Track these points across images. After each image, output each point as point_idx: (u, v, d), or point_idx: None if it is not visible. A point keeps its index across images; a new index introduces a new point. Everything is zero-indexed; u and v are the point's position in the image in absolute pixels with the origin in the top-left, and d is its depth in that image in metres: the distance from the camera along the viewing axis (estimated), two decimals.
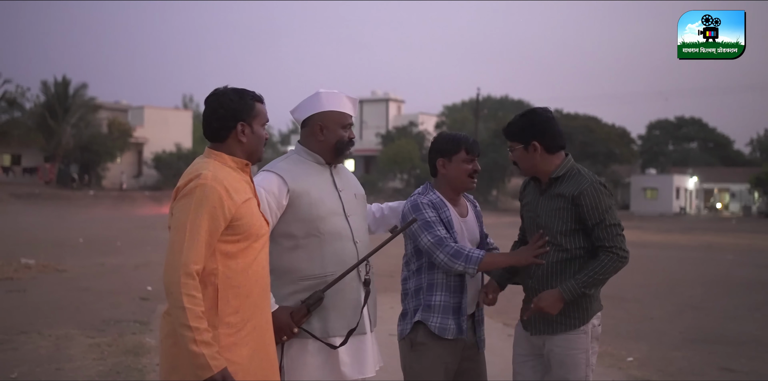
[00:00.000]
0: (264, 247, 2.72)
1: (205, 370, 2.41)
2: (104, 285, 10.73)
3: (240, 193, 2.62)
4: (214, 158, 2.68)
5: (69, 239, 17.74)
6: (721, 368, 6.54)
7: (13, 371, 5.75)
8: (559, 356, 3.21)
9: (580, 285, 3.10)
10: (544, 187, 3.32)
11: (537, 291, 3.27)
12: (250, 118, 2.71)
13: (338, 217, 3.11)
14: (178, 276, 2.44)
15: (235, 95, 2.71)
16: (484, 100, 67.31)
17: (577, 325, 3.21)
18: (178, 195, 2.58)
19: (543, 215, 3.28)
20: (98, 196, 42.82)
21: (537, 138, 3.26)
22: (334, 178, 3.20)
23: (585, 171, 3.28)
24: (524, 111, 3.39)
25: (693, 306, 10.27)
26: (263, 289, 2.71)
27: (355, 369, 3.07)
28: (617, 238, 3.16)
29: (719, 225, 39.11)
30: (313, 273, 3.03)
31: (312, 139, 3.18)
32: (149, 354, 6.41)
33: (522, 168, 3.35)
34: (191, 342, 2.40)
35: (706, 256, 18.79)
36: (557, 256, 3.23)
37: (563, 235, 3.21)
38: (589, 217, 3.16)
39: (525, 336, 3.37)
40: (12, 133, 45.87)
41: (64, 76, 48.09)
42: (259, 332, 2.67)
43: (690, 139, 75.47)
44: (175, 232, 2.52)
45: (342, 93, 3.24)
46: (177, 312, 2.43)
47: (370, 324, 3.19)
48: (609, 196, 3.23)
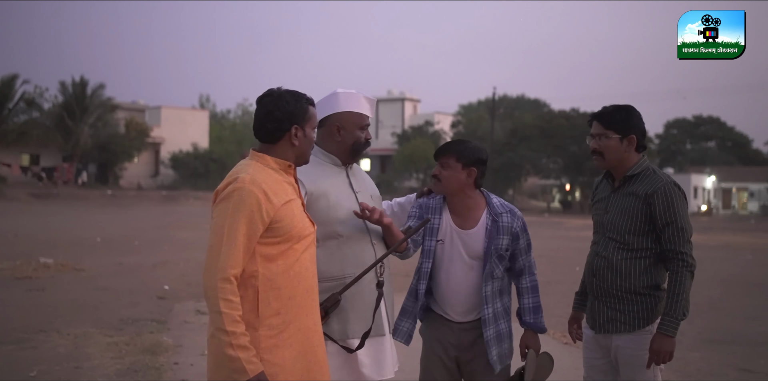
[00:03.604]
0: (309, 248, 2.71)
1: (241, 374, 2.42)
2: (122, 284, 10.79)
3: (280, 195, 2.61)
4: (257, 160, 2.68)
5: (87, 239, 17.85)
6: (739, 369, 6.49)
7: (33, 370, 5.80)
8: (626, 357, 3.22)
9: (676, 317, 3.09)
10: (618, 185, 3.32)
11: (601, 288, 3.29)
12: (304, 121, 2.72)
13: (356, 219, 3.11)
14: (215, 280, 2.45)
15: (292, 98, 2.71)
16: (500, 99, 67.15)
17: (641, 325, 3.21)
18: (218, 198, 2.60)
19: (613, 213, 3.28)
20: (116, 195, 43.11)
21: (636, 132, 3.28)
22: (351, 180, 3.21)
23: (660, 172, 3.29)
24: (620, 105, 3.37)
25: (711, 306, 10.18)
26: (307, 290, 2.68)
27: (374, 370, 3.08)
28: (687, 245, 3.16)
29: (737, 224, 38.82)
30: (332, 275, 3.03)
31: (329, 140, 3.18)
32: (166, 353, 6.44)
33: (607, 158, 3.30)
34: (228, 346, 2.42)
35: (724, 255, 18.63)
36: (623, 254, 3.23)
37: (632, 234, 3.21)
38: (661, 217, 3.15)
39: (593, 337, 3.38)
40: (30, 134, 46.21)
41: (82, 76, 48.46)
42: (304, 334, 2.64)
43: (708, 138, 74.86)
44: (213, 236, 2.53)
45: (360, 93, 3.23)
46: (214, 316, 2.45)
47: (389, 325, 3.19)
48: (683, 199, 3.22)
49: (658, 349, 3.09)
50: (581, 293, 3.59)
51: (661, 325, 3.12)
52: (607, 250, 3.28)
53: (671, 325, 3.09)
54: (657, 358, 3.11)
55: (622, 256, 3.23)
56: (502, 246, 3.31)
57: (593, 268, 3.34)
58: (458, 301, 3.36)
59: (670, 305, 3.11)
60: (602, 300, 3.31)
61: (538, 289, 3.42)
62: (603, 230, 3.33)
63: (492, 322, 3.31)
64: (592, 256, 3.40)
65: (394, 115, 63.69)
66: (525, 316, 3.38)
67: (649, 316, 3.22)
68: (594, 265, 3.34)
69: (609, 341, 3.30)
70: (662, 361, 3.12)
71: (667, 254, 3.18)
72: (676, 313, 3.09)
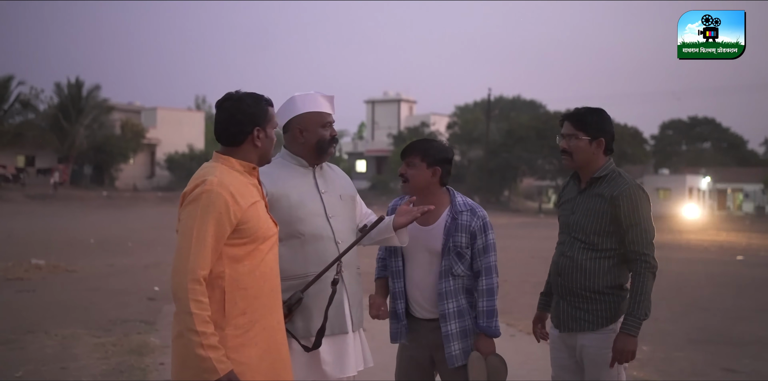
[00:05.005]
0: (272, 249, 2.76)
1: (211, 373, 2.46)
2: (113, 285, 10.82)
3: (246, 196, 2.66)
4: (222, 162, 2.72)
5: (81, 240, 17.88)
6: (722, 369, 6.53)
7: (19, 370, 5.83)
8: (591, 356, 3.27)
9: (639, 316, 3.15)
10: (584, 186, 3.38)
11: (565, 288, 3.35)
12: (265, 122, 2.76)
13: (319, 218, 3.16)
14: (185, 282, 2.49)
15: (252, 100, 2.74)
16: (496, 101, 67.25)
17: (605, 323, 3.27)
18: (185, 200, 2.63)
19: (579, 213, 3.34)
20: (111, 197, 43.09)
21: (606, 136, 3.34)
22: (317, 181, 3.26)
23: (626, 175, 3.34)
24: (592, 107, 3.43)
25: (700, 306, 10.25)
26: (272, 290, 2.74)
27: (336, 368, 3.13)
28: (650, 246, 3.22)
29: (732, 225, 38.90)
30: (295, 273, 3.10)
31: (294, 143, 3.26)
32: (153, 353, 6.48)
33: (576, 159, 3.37)
34: (198, 346, 2.46)
35: (716, 256, 18.71)
36: (587, 254, 3.29)
37: (597, 234, 3.28)
38: (625, 218, 3.22)
39: (559, 336, 3.43)
40: (26, 135, 46.24)
41: (78, 77, 48.57)
42: (269, 332, 2.70)
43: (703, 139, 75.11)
44: (182, 237, 2.57)
45: (317, 93, 3.29)
46: (184, 317, 2.48)
47: (353, 324, 3.22)
48: (647, 202, 3.28)
49: (621, 348, 3.15)
50: (546, 294, 3.65)
51: (623, 324, 3.18)
52: (573, 250, 3.34)
53: (633, 324, 3.15)
54: (620, 358, 3.16)
55: (586, 256, 3.29)
56: (461, 243, 3.34)
57: (559, 268, 3.40)
58: (423, 297, 3.41)
59: (633, 305, 3.17)
60: (567, 299, 3.36)
61: (494, 293, 3.37)
62: (569, 230, 3.39)
63: (454, 317, 3.33)
64: (557, 255, 3.45)
65: (390, 116, 63.78)
66: (478, 320, 3.36)
67: (612, 315, 3.28)
68: (559, 264, 3.40)
69: (574, 340, 3.35)
70: (625, 360, 3.17)
71: (630, 255, 3.24)
72: (639, 313, 3.15)
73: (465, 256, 3.36)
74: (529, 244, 19.69)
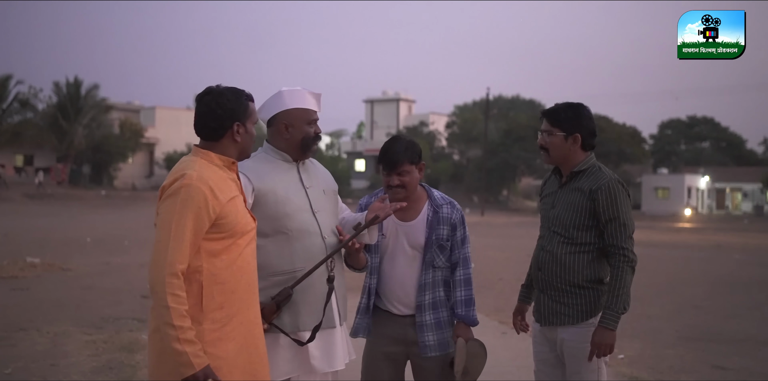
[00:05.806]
0: (250, 243, 2.76)
1: (187, 367, 2.46)
2: (107, 283, 10.83)
3: (225, 191, 2.66)
4: (201, 157, 2.72)
5: (77, 239, 17.88)
6: (712, 366, 6.54)
7: (8, 367, 5.84)
8: (571, 349, 3.29)
9: (617, 310, 3.16)
10: (565, 180, 3.39)
11: (546, 282, 3.37)
12: (245, 117, 2.76)
13: (305, 213, 3.16)
14: (163, 275, 2.49)
15: (232, 95, 2.75)
16: (495, 100, 67.22)
17: (584, 317, 3.28)
18: (164, 194, 2.63)
19: (559, 207, 3.35)
20: (110, 196, 43.10)
21: (582, 131, 3.36)
22: (302, 176, 3.25)
23: (606, 169, 3.36)
24: (572, 103, 3.44)
25: (693, 305, 10.26)
26: (249, 284, 2.75)
27: (324, 362, 3.12)
28: (628, 241, 3.23)
29: (730, 225, 38.92)
30: (282, 269, 3.08)
31: (278, 138, 3.24)
32: (143, 351, 6.47)
33: (552, 155, 3.40)
34: (174, 340, 2.46)
35: (713, 255, 18.72)
36: (567, 248, 3.30)
37: (576, 228, 3.29)
38: (604, 212, 3.22)
39: (540, 330, 3.45)
40: (24, 134, 46.26)
41: (76, 76, 48.56)
42: (246, 327, 2.71)
43: (702, 139, 75.06)
44: (160, 231, 2.57)
45: (305, 89, 3.28)
46: (161, 311, 2.48)
47: (339, 318, 3.23)
48: (626, 196, 3.29)
49: (600, 341, 3.16)
50: (527, 286, 3.66)
51: (602, 318, 3.18)
52: (552, 244, 3.35)
53: (612, 318, 3.16)
54: (598, 351, 3.17)
55: (566, 250, 3.30)
56: (443, 236, 3.39)
57: (539, 262, 3.41)
58: (404, 292, 3.42)
59: (611, 299, 3.17)
60: (547, 293, 3.37)
61: (471, 283, 3.45)
62: (549, 224, 3.40)
63: (429, 308, 3.38)
64: (538, 250, 3.47)
65: (389, 116, 63.78)
66: (457, 309, 3.41)
67: (591, 309, 3.29)
68: (540, 258, 3.41)
69: (555, 334, 3.36)
70: (603, 353, 3.18)
71: (609, 249, 3.25)
72: (617, 307, 3.16)
73: (446, 248, 3.41)
74: (527, 244, 19.63)
